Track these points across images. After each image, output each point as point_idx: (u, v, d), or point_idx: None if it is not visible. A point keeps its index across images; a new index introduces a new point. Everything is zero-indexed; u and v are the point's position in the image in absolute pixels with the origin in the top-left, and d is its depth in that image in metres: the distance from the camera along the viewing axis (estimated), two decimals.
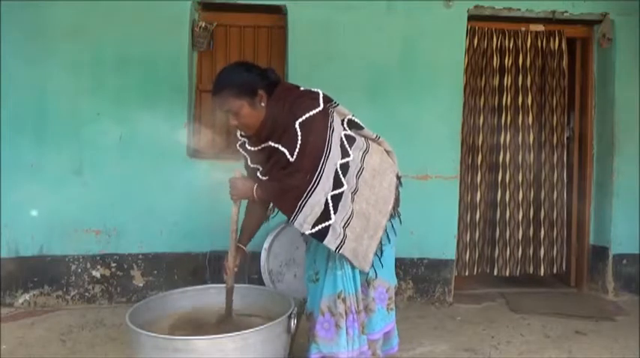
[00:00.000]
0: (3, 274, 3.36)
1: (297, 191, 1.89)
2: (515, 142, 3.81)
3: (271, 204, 2.18)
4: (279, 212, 2.08)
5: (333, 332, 2.01)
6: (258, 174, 2.11)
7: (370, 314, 2.10)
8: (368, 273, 2.07)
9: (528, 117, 3.81)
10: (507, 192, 3.80)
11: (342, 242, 1.94)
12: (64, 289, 3.42)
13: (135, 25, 3.42)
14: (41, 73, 3.37)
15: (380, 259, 2.09)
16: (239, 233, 2.22)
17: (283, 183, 1.94)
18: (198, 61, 3.66)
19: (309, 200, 1.88)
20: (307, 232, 1.91)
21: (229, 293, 2.24)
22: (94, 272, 3.44)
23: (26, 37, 3.35)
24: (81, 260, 3.43)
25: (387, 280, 2.15)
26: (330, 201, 1.92)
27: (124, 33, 3.41)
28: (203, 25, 3.54)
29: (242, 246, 2.25)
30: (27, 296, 3.39)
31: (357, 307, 2.04)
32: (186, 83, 3.50)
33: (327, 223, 1.91)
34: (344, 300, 2.01)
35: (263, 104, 2.00)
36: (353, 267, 2.03)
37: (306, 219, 1.89)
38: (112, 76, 3.42)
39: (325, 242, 1.93)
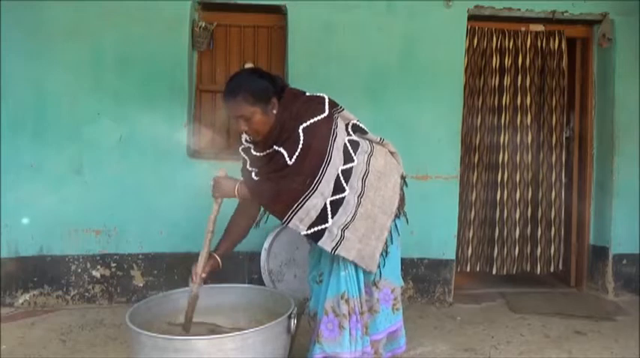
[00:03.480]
0: (3, 274, 3.35)
1: (292, 194, 1.91)
2: (514, 142, 3.81)
3: (262, 210, 2.18)
4: (270, 216, 2.09)
5: (337, 332, 2.01)
6: (253, 175, 2.12)
7: (374, 315, 2.11)
8: (374, 274, 2.08)
9: (527, 117, 3.81)
10: (506, 192, 3.80)
11: (339, 243, 1.95)
12: (64, 289, 3.42)
13: (135, 25, 3.41)
14: (41, 73, 3.36)
15: (385, 260, 2.09)
16: (219, 240, 2.19)
17: (279, 185, 1.95)
18: (198, 61, 3.66)
19: (305, 204, 1.89)
20: (302, 233, 1.94)
21: (193, 300, 2.14)
22: (94, 272, 3.44)
23: (26, 36, 3.35)
24: (81, 260, 3.42)
25: (392, 281, 2.15)
26: (329, 205, 1.94)
27: (124, 33, 3.41)
28: (203, 25, 3.54)
29: (215, 255, 2.17)
30: (27, 296, 3.39)
31: (361, 308, 2.05)
32: (187, 83, 3.50)
33: (323, 226, 1.94)
34: (347, 301, 2.01)
35: (275, 111, 2.01)
36: (357, 269, 2.04)
37: (301, 222, 1.91)
38: (112, 76, 3.41)
39: (320, 243, 1.95)
